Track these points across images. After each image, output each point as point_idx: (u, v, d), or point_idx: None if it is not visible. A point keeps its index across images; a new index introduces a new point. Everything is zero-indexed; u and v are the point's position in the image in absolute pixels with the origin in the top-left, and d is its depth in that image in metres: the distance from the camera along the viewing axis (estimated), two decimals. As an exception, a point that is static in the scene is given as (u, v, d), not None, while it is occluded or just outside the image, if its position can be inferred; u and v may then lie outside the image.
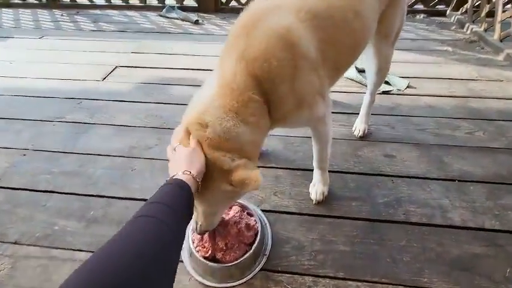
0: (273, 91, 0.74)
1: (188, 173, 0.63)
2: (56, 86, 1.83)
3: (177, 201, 0.57)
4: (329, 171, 1.17)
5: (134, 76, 1.93)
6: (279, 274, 0.90)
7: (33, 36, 2.55)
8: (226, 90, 0.72)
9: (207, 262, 0.87)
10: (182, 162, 0.65)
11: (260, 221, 0.98)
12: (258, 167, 1.23)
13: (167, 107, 1.64)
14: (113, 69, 2.00)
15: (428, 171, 1.22)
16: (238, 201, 1.02)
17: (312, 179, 1.14)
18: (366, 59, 1.26)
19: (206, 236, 0.90)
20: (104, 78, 1.91)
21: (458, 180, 1.18)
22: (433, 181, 1.18)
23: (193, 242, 0.91)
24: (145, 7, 3.10)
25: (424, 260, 0.93)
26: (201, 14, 2.92)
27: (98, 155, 1.33)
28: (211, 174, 0.68)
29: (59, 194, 1.16)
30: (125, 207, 1.11)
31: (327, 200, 1.11)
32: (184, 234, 0.60)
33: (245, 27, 0.74)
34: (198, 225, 0.81)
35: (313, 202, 1.10)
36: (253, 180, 0.65)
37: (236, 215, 0.96)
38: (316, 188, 1.10)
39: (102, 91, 1.78)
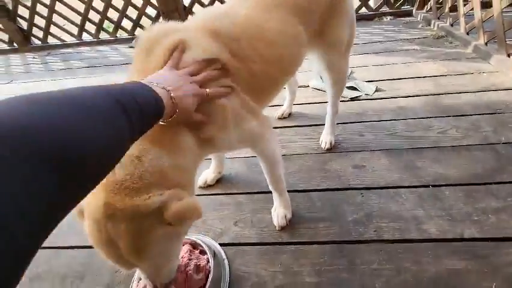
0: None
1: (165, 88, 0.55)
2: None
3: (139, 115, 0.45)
4: (293, 190, 1.10)
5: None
6: (236, 320, 0.79)
7: (3, 81, 2.53)
8: None
9: (150, 317, 0.76)
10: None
11: (217, 257, 0.88)
12: (218, 194, 1.17)
13: None
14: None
15: (400, 179, 1.14)
16: (190, 238, 0.93)
17: (274, 205, 1.05)
18: (320, 72, 1.21)
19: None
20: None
21: (432, 186, 1.09)
22: (406, 189, 1.09)
23: (136, 294, 0.81)
24: (116, 40, 3.12)
25: (399, 283, 0.82)
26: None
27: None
28: (140, 225, 0.55)
29: None
30: (71, 257, 1.00)
31: (291, 224, 1.01)
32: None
33: (144, 46, 0.68)
34: (158, 284, 0.67)
35: (277, 228, 1.00)
36: (191, 209, 0.55)
37: (184, 256, 0.86)
38: (278, 213, 1.01)
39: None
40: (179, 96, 0.58)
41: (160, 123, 0.58)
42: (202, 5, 2.85)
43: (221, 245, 0.98)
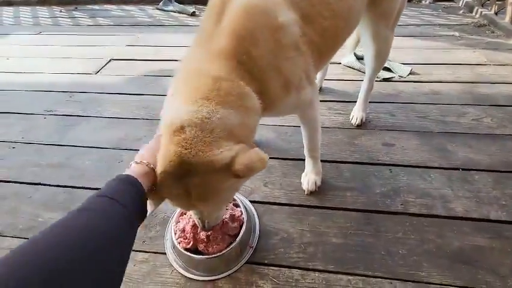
0: (253, 65, 0.66)
1: (143, 162, 0.57)
2: (50, 80, 1.82)
3: (127, 198, 0.50)
4: (323, 160, 1.12)
5: (128, 69, 1.90)
6: (265, 267, 0.85)
7: (32, 32, 2.55)
8: (192, 81, 0.63)
9: (189, 254, 0.83)
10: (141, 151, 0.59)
11: (247, 211, 0.93)
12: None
13: (160, 98, 1.56)
14: (107, 62, 1.98)
15: (429, 160, 1.14)
16: (225, 191, 0.98)
17: (305, 170, 1.08)
18: (364, 43, 1.19)
19: (188, 227, 0.86)
20: (98, 72, 1.88)
21: (462, 169, 1.10)
22: (434, 170, 1.11)
23: (175, 233, 0.87)
24: (142, 1, 3.07)
25: (422, 252, 0.86)
26: (198, 6, 2.87)
27: (87, 147, 1.31)
28: (212, 178, 0.58)
29: (46, 186, 1.14)
30: (110, 199, 1.07)
31: (319, 191, 1.05)
32: (134, 233, 0.52)
33: (216, 6, 0.67)
34: (206, 223, 0.73)
35: (305, 192, 1.04)
36: (257, 160, 0.57)
37: (221, 205, 0.91)
38: (308, 178, 1.05)
39: (95, 84, 1.76)
40: None
41: None
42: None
43: (251, 202, 1.03)
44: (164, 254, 0.90)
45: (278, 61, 0.69)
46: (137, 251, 0.91)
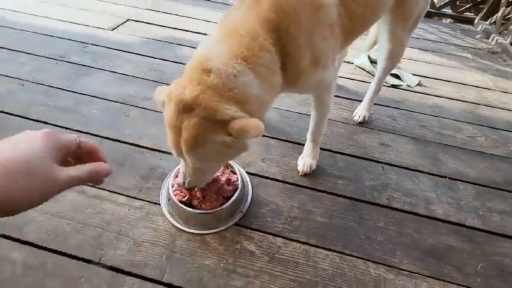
0: (290, 40, 0.69)
1: None
2: (66, 28, 1.82)
3: None
4: (321, 148, 1.16)
5: (144, 31, 1.91)
6: (252, 231, 0.90)
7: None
8: (234, 37, 0.65)
9: (183, 206, 0.87)
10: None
11: (242, 180, 0.98)
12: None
13: (172, 65, 1.62)
14: (125, 21, 1.98)
15: (421, 165, 1.20)
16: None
17: (302, 153, 1.13)
18: (380, 43, 1.22)
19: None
20: (114, 29, 1.89)
21: (449, 178, 1.16)
22: (424, 174, 1.16)
23: (172, 186, 0.92)
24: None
25: (398, 242, 0.92)
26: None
27: (95, 97, 1.33)
28: (207, 126, 0.61)
29: (52, 126, 1.17)
30: (113, 148, 1.11)
31: (313, 174, 1.10)
32: None
33: None
34: (186, 181, 0.77)
35: (300, 173, 1.09)
36: (253, 126, 0.59)
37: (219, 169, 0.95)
38: (305, 161, 1.10)
39: (110, 40, 1.77)
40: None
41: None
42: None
43: (247, 173, 1.07)
44: (159, 204, 0.94)
45: (314, 40, 0.72)
46: (133, 197, 0.96)
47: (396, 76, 1.73)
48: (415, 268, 0.86)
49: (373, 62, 1.81)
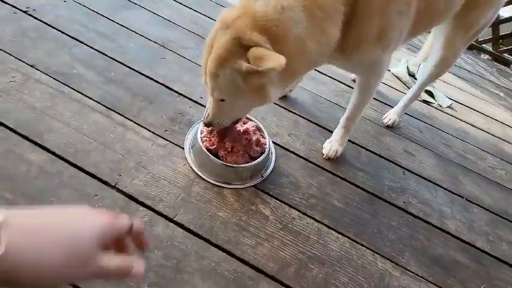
0: (360, 10, 0.65)
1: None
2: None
3: None
4: (348, 140, 1.14)
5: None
6: (269, 197, 0.89)
7: None
8: None
9: (208, 154, 0.85)
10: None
11: (269, 146, 0.96)
12: (280, 106, 1.23)
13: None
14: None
15: (440, 180, 1.19)
16: (256, 121, 1.00)
17: (331, 137, 1.11)
18: (433, 49, 1.19)
19: (215, 131, 0.88)
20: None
21: (466, 199, 1.15)
22: (442, 189, 1.15)
23: (201, 133, 0.89)
24: None
25: (408, 244, 0.92)
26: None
27: (134, 32, 1.29)
28: (232, 47, 0.60)
29: (87, 47, 1.13)
30: (145, 84, 1.08)
31: (336, 160, 1.09)
32: None
33: None
34: (205, 113, 0.77)
35: (324, 156, 1.07)
36: (272, 58, 0.56)
37: (252, 128, 0.93)
38: (332, 145, 1.08)
39: None
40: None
41: None
42: None
43: (273, 143, 1.05)
44: (182, 148, 0.92)
45: (389, 10, 0.68)
46: (157, 135, 0.93)
47: (430, 94, 1.71)
48: (421, 272, 0.86)
49: (410, 74, 1.79)
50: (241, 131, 0.90)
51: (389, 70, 1.82)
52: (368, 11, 0.66)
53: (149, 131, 0.94)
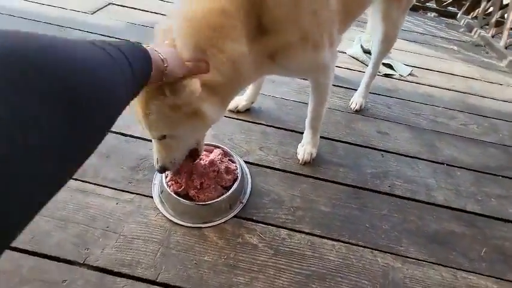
0: (262, 10, 0.60)
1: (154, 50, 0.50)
2: (41, 10, 1.66)
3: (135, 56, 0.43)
4: (320, 136, 1.12)
5: (127, 16, 1.78)
6: (254, 223, 0.85)
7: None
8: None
9: (179, 198, 0.80)
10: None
11: (241, 169, 0.92)
12: (246, 121, 1.19)
13: None
14: (106, 5, 1.84)
15: (419, 152, 1.19)
16: (222, 147, 0.95)
17: (302, 141, 1.08)
18: (373, 26, 1.19)
19: (182, 171, 0.82)
20: (94, 12, 1.75)
21: (447, 164, 1.16)
22: (422, 161, 1.15)
23: (166, 177, 0.84)
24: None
25: (403, 230, 0.90)
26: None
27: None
28: (150, 88, 0.57)
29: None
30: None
31: (313, 163, 1.06)
32: (133, 90, 0.44)
33: None
34: (155, 160, 0.73)
35: (300, 162, 1.04)
36: (186, 84, 0.55)
37: (217, 157, 0.89)
38: (305, 149, 1.05)
39: (89, 24, 1.63)
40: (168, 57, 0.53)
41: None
42: None
43: (245, 162, 1.01)
44: (151, 197, 0.86)
45: (299, 15, 0.65)
46: (122, 190, 0.87)
47: (389, 66, 1.73)
48: (421, 256, 0.84)
49: (366, 51, 1.79)
50: (207, 164, 0.85)
51: (344, 52, 1.82)
52: (279, 20, 0.63)
53: (112, 188, 0.87)
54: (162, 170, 0.74)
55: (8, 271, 0.68)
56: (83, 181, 0.87)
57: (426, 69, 1.82)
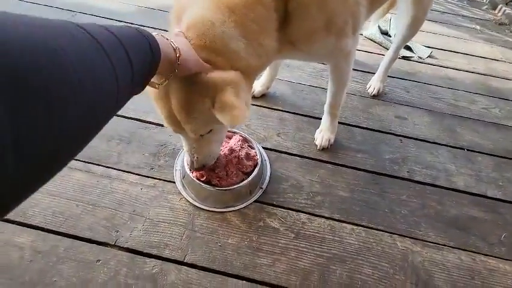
0: (294, 6, 0.60)
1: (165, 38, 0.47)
2: (50, -5, 1.64)
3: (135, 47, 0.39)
4: (338, 122, 1.11)
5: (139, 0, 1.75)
6: (274, 207, 0.86)
7: None
8: None
9: (201, 184, 0.82)
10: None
11: (260, 155, 0.92)
12: (262, 106, 1.18)
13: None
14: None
15: (438, 137, 1.17)
16: (240, 132, 0.96)
17: (319, 126, 1.08)
18: (401, 10, 1.14)
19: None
20: (105, -4, 1.72)
21: (467, 150, 1.14)
22: (442, 147, 1.14)
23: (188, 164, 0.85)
24: None
25: (422, 215, 0.91)
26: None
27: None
28: (190, 88, 0.55)
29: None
30: (117, 125, 1.02)
31: (331, 148, 1.05)
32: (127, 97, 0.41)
33: None
34: (195, 160, 0.72)
35: (318, 148, 1.04)
36: (236, 110, 0.52)
37: (237, 143, 0.89)
38: (323, 134, 1.04)
39: (100, 8, 1.61)
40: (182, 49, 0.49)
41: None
42: None
43: (263, 148, 1.01)
44: (173, 182, 0.88)
45: (324, 1, 0.63)
46: (144, 176, 0.89)
47: (408, 47, 1.66)
48: (441, 240, 0.85)
49: (383, 33, 1.73)
50: (227, 152, 0.86)
51: (361, 34, 1.76)
52: (305, 5, 0.61)
53: (135, 174, 0.89)
54: (202, 168, 0.74)
55: (45, 251, 0.72)
56: (107, 167, 0.90)
57: (446, 50, 1.75)
